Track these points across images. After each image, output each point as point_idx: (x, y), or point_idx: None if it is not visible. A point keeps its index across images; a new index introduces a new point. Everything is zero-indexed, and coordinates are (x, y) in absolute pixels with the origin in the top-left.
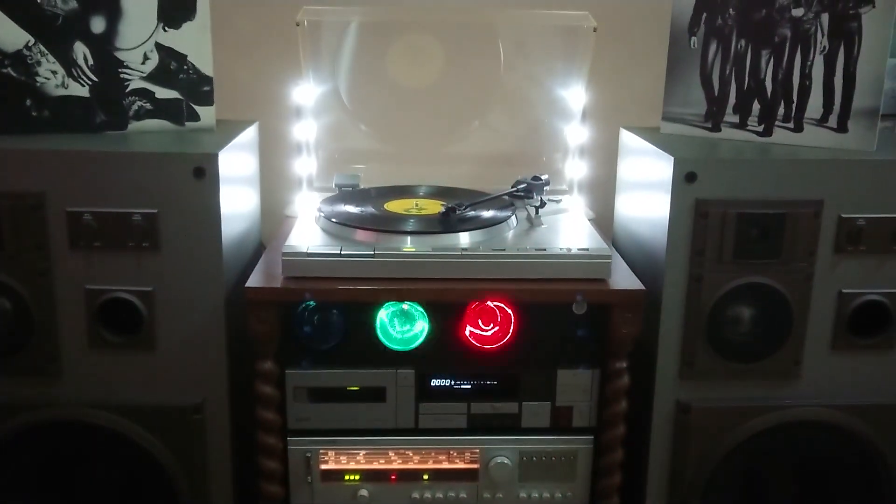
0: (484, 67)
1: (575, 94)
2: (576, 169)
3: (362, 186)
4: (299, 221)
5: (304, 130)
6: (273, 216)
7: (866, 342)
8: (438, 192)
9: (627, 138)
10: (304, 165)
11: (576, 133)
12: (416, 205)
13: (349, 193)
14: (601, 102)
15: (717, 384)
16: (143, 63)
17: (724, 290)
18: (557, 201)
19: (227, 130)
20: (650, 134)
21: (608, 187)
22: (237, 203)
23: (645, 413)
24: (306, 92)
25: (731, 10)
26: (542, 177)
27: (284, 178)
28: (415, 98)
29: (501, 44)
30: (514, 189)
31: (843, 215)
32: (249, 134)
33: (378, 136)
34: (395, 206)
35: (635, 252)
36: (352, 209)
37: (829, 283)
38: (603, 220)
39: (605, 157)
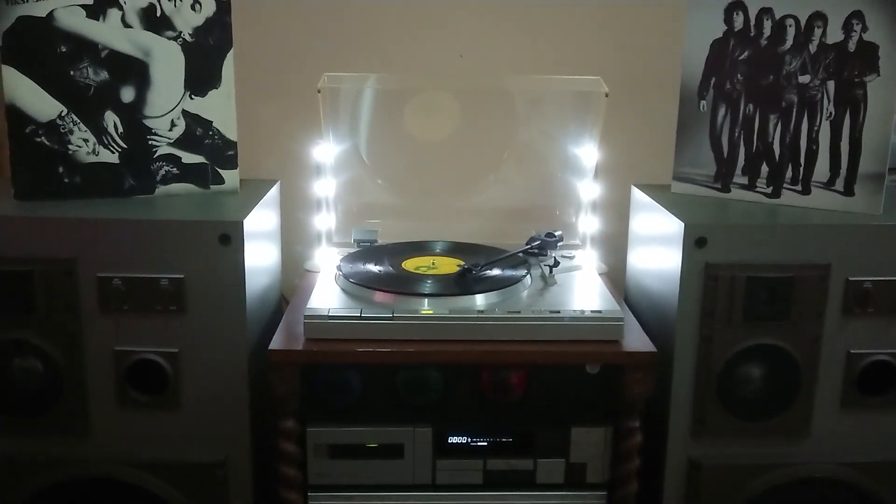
0: (498, 125)
1: (587, 153)
2: (589, 224)
3: (380, 242)
4: (320, 279)
5: (324, 187)
6: (293, 270)
7: (875, 401)
8: (454, 249)
9: (639, 196)
10: (324, 221)
11: (588, 189)
12: (433, 263)
13: (368, 251)
14: (613, 160)
15: (728, 442)
16: (170, 130)
17: (734, 350)
18: (571, 257)
19: (251, 192)
20: (661, 193)
21: (621, 241)
22: (260, 260)
23: (657, 470)
24: (326, 151)
25: (739, 75)
26: (556, 233)
27: (304, 233)
28: (431, 154)
29: (516, 105)
30: (528, 246)
31: (851, 278)
32: (272, 193)
33: (395, 191)
34: (412, 264)
35: (647, 308)
36: (371, 268)
37: (838, 343)
38: (615, 273)
39: (618, 212)
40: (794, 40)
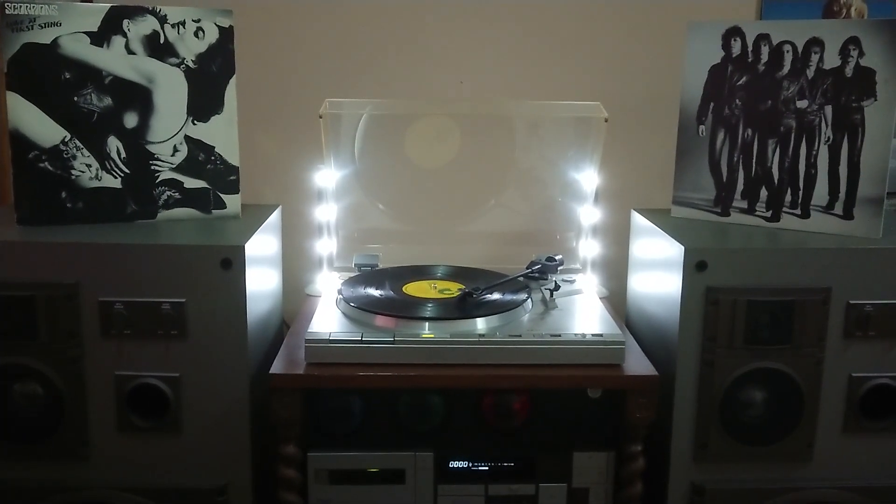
0: (499, 150)
1: (587, 177)
2: (589, 248)
3: (381, 266)
4: (321, 304)
5: (325, 212)
6: (295, 294)
7: (878, 425)
8: (455, 273)
9: (639, 220)
10: (325, 245)
11: (589, 213)
12: (434, 287)
13: (369, 275)
14: (613, 185)
15: (731, 466)
16: (172, 155)
17: (736, 374)
18: (571, 281)
19: (253, 217)
20: (661, 217)
21: (621, 265)
22: (261, 284)
23: (660, 495)
24: (327, 176)
25: (737, 100)
26: (556, 257)
27: (306, 258)
28: (432, 179)
29: (516, 130)
30: (529, 270)
31: (851, 302)
32: (273, 218)
33: (396, 215)
34: (413, 288)
35: (648, 331)
36: (372, 292)
37: (840, 367)
38: (616, 297)
39: (618, 236)
40: (791, 66)
